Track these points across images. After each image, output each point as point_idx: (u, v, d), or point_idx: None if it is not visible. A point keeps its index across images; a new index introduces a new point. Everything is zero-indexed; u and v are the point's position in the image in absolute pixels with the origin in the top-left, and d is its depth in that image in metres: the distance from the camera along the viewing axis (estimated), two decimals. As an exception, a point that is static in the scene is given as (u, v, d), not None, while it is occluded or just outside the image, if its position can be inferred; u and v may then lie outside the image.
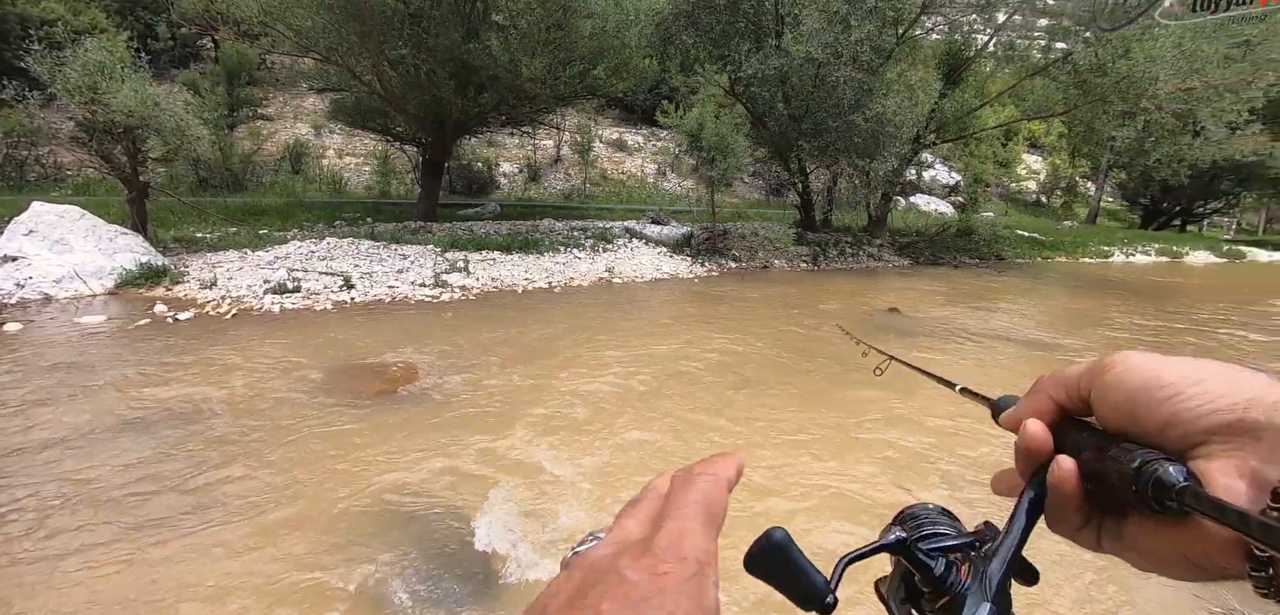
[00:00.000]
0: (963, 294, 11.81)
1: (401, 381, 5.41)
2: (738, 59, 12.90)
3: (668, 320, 8.34)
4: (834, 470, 4.16)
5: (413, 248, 10.68)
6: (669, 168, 24.27)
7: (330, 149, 19.82)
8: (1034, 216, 29.12)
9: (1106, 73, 12.37)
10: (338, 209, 13.87)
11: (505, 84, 10.60)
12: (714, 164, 12.00)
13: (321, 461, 3.91)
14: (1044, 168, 34.25)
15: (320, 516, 3.34)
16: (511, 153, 22.58)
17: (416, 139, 14.57)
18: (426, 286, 8.95)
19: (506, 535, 3.24)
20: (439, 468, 3.89)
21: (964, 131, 16.81)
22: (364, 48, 9.94)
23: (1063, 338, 8.59)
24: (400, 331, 6.93)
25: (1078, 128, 15.88)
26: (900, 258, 15.97)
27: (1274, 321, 11.20)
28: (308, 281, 8.46)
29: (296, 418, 4.52)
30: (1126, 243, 23.06)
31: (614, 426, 4.63)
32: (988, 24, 15.35)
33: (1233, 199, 32.02)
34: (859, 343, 1.80)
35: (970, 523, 0.45)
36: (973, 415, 5.25)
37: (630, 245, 13.23)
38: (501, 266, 10.37)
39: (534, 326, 7.49)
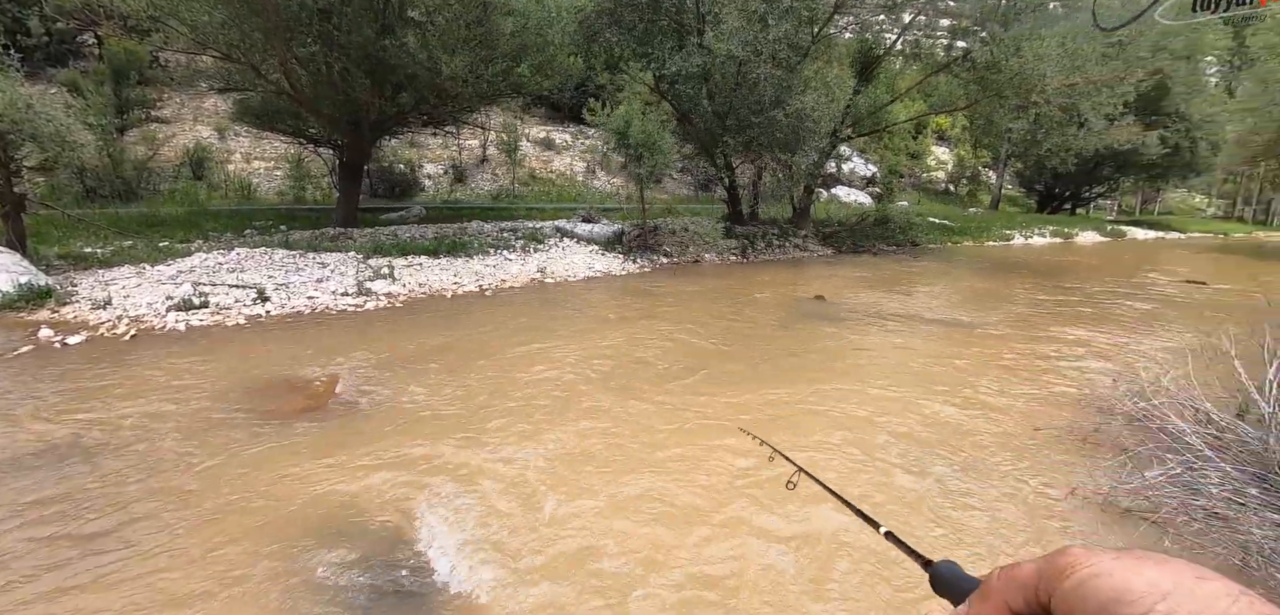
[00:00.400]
0: (883, 279, 12.45)
1: (325, 396, 5.17)
2: (661, 57, 13.04)
3: (602, 319, 8.35)
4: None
5: (332, 255, 10.19)
6: (598, 166, 24.23)
7: (236, 153, 18.58)
8: (943, 204, 30.99)
9: (1001, 70, 13.32)
10: (247, 217, 13.04)
11: (424, 83, 10.26)
12: (642, 161, 12.09)
13: (243, 486, 3.68)
14: (951, 158, 36.50)
15: (245, 544, 3.15)
16: (435, 153, 21.91)
17: (332, 141, 13.87)
18: (349, 295, 8.57)
19: (446, 548, 3.17)
20: (370, 483, 3.75)
21: (878, 126, 17.67)
22: (269, 45, 9.36)
23: (975, 316, 9.21)
24: (322, 344, 6.61)
25: (978, 121, 17.05)
26: (824, 247, 16.64)
27: (1151, 291, 12.44)
28: (216, 295, 7.92)
29: (211, 442, 4.24)
30: (1025, 226, 24.93)
31: (552, 429, 4.60)
32: (895, 24, 16.19)
33: (1113, 183, 35.21)
34: (763, 443, 1.65)
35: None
36: (907, 386, 5.58)
37: (562, 245, 13.14)
38: (429, 271, 10.06)
39: (465, 331, 7.33)
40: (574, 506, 3.58)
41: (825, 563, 3.13)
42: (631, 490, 3.77)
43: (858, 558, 3.16)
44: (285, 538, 3.22)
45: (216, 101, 19.04)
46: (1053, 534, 3.45)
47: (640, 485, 3.83)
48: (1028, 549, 3.31)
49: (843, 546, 3.24)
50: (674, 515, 3.53)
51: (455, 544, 3.21)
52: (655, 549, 3.21)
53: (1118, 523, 3.56)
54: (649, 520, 3.47)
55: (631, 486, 3.82)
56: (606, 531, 3.35)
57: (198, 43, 9.78)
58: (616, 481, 3.87)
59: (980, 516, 3.61)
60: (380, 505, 3.54)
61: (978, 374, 6.36)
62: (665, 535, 3.33)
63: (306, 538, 3.22)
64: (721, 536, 3.34)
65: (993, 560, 3.20)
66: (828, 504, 3.43)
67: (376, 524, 3.37)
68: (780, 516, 3.50)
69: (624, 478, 3.92)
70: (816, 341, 7.47)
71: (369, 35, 9.70)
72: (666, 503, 3.64)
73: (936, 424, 4.97)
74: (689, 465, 4.11)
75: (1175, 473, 3.82)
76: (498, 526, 3.37)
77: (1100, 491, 3.84)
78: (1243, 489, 3.58)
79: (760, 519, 3.49)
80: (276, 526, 3.32)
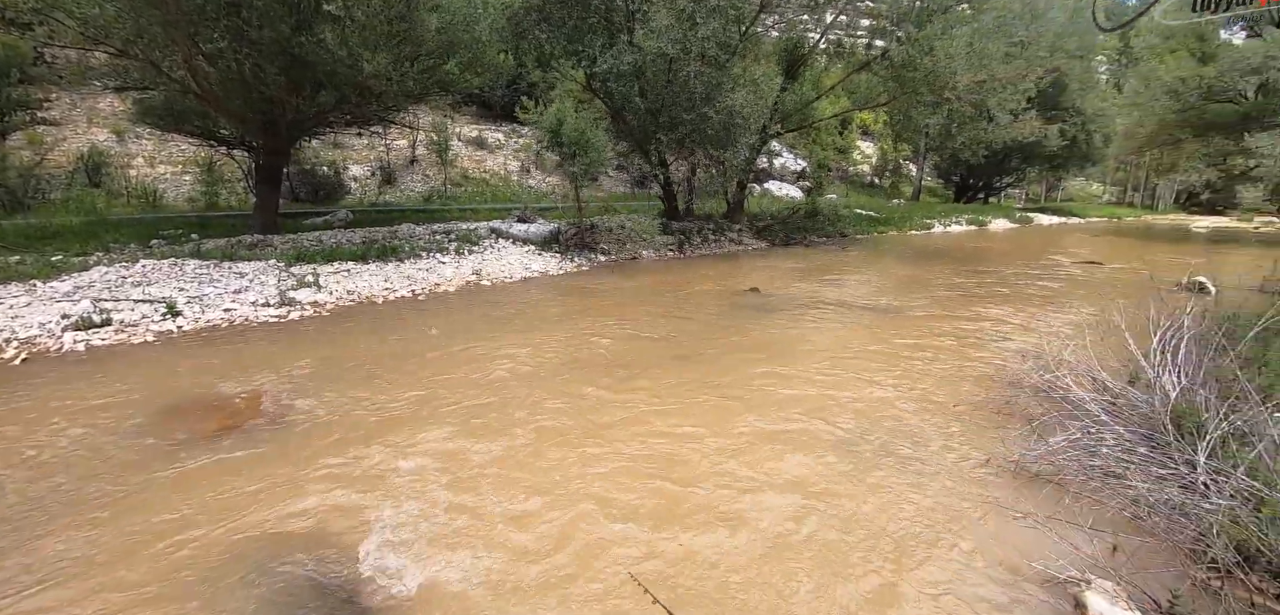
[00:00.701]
0: (815, 269, 12.89)
1: (247, 414, 4.88)
2: (592, 54, 13.02)
3: (539, 319, 8.26)
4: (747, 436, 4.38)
5: (251, 264, 9.63)
6: (533, 165, 23.92)
7: (138, 157, 17.25)
8: (869, 196, 32.37)
9: (916, 68, 14.03)
10: (153, 226, 12.13)
11: (345, 81, 9.80)
12: (576, 159, 12.04)
13: (157, 517, 3.42)
14: (875, 152, 38.17)
15: (162, 581, 2.94)
16: (361, 154, 21.05)
17: (246, 142, 13.07)
18: (270, 306, 8.12)
19: (380, 564, 3.06)
20: (300, 502, 3.57)
21: (805, 122, 18.26)
22: (170, 40, 8.72)
23: (900, 301, 9.66)
24: (242, 359, 6.24)
25: (898, 116, 17.89)
26: (758, 240, 17.07)
27: (1055, 272, 13.41)
28: (121, 312, 7.33)
29: (120, 472, 3.92)
30: (944, 215, 26.39)
31: (492, 434, 4.52)
32: (818, 24, 16.77)
33: (1021, 173, 37.78)
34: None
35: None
36: (837, 370, 5.79)
37: (497, 245, 12.91)
38: (358, 278, 9.66)
39: (398, 338, 7.09)
40: (514, 509, 3.53)
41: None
42: (575, 490, 3.76)
43: None
44: (207, 567, 3.03)
45: (113, 101, 17.62)
46: (973, 501, 3.68)
47: (583, 487, 3.83)
48: (950, 518, 3.52)
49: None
50: (615, 514, 3.55)
51: (388, 558, 3.10)
52: (598, 550, 3.22)
53: (1027, 487, 3.83)
54: (595, 520, 3.47)
55: (574, 487, 3.80)
56: (549, 534, 3.33)
57: (88, 37, 9.00)
58: (558, 483, 3.85)
59: (905, 489, 3.80)
60: (310, 525, 3.38)
61: (902, 355, 6.69)
62: (609, 533, 3.34)
63: (231, 566, 3.04)
64: (665, 539, 3.38)
65: (919, 531, 3.38)
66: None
67: (307, 545, 3.21)
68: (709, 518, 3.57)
69: (564, 479, 3.91)
70: (752, 331, 7.65)
71: (283, 30, 9.19)
72: (609, 504, 3.65)
73: (864, 404, 5.20)
74: (633, 461, 4.13)
75: (1076, 437, 4.14)
76: (433, 538, 3.29)
77: (1012, 459, 4.11)
78: (1133, 448, 3.93)
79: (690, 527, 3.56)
80: (197, 557, 3.11)
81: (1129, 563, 2.96)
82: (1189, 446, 3.65)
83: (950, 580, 2.99)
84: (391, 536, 3.25)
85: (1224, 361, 4.62)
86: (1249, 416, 3.78)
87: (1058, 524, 3.36)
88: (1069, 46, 29.81)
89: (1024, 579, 3.00)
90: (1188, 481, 3.44)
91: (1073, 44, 30.28)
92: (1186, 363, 4.63)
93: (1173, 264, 14.64)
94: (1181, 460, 3.59)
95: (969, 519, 3.50)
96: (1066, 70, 30.02)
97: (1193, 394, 4.21)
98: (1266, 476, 3.23)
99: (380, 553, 3.12)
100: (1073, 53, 30.77)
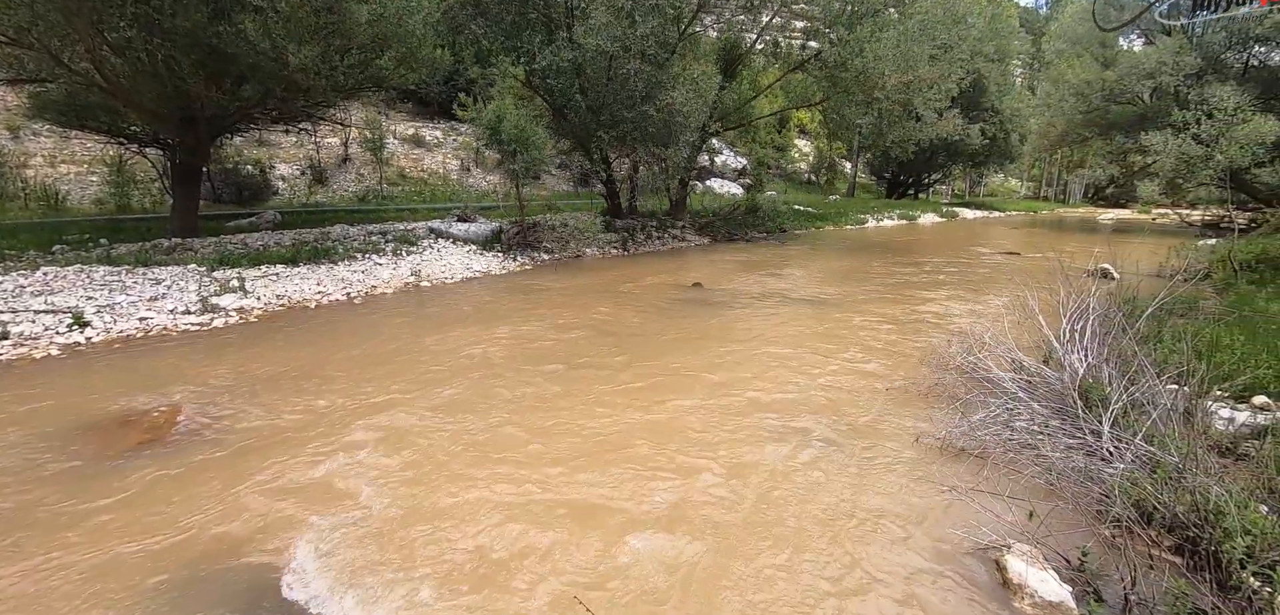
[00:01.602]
0: (756, 264, 13.18)
1: (165, 428, 4.58)
2: (531, 50, 12.88)
3: (480, 319, 8.11)
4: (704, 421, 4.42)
5: (168, 269, 9.04)
6: (473, 163, 23.45)
7: (37, 156, 15.90)
8: (807, 192, 33.33)
9: (848, 68, 14.55)
10: (56, 231, 11.21)
11: (269, 74, 9.31)
12: (516, 157, 11.88)
13: (66, 543, 3.18)
14: (812, 150, 39.34)
15: (86, 606, 2.73)
16: (289, 153, 20.10)
17: (160, 139, 12.23)
18: (191, 313, 7.65)
19: (314, 581, 2.94)
20: (224, 519, 3.39)
21: (744, 120, 18.63)
22: (71, 28, 8.07)
23: (836, 292, 10.00)
24: (159, 370, 5.85)
25: (832, 115, 18.49)
26: (701, 236, 17.32)
27: (978, 262, 14.20)
28: (19, 324, 6.74)
29: (23, 494, 3.62)
30: (877, 211, 27.48)
31: (428, 442, 4.42)
32: (755, 24, 17.15)
33: (947, 170, 39.77)
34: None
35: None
36: (776, 360, 5.94)
37: (437, 246, 12.59)
38: (287, 281, 9.22)
39: (331, 344, 6.82)
40: (450, 521, 3.47)
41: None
42: (510, 496, 3.73)
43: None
44: (123, 592, 2.84)
45: (6, 95, 16.18)
46: (903, 477, 3.86)
47: (519, 492, 3.80)
48: (882, 494, 3.68)
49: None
50: (566, 519, 3.54)
51: (315, 579, 2.99)
52: (529, 555, 3.20)
53: (953, 462, 4.05)
54: (529, 527, 3.45)
55: (509, 492, 3.77)
56: (484, 542, 3.29)
57: (-25, 25, 8.22)
58: (493, 488, 3.80)
59: (839, 470, 3.95)
60: (234, 544, 3.21)
61: (838, 343, 6.94)
62: (541, 540, 3.33)
63: (150, 590, 2.86)
64: (604, 539, 3.39)
65: (854, 508, 3.53)
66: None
67: (229, 566, 3.05)
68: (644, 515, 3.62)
69: (501, 485, 3.87)
70: (694, 325, 7.76)
71: (199, 20, 8.66)
72: (554, 508, 3.64)
73: (801, 390, 5.37)
74: (575, 464, 4.13)
75: (996, 414, 4.41)
76: (360, 555, 3.19)
77: (939, 437, 4.34)
78: (1047, 421, 4.21)
79: (627, 517, 3.59)
80: (112, 582, 2.91)
81: (1044, 526, 3.18)
82: (1095, 418, 3.94)
83: (881, 553, 3.14)
84: (318, 556, 3.12)
85: (1125, 340, 5.02)
86: (1146, 388, 4.12)
87: (980, 495, 3.57)
88: (988, 51, 31.60)
89: (950, 547, 3.17)
90: (1093, 449, 3.72)
91: (991, 48, 32.11)
92: (1092, 342, 5.01)
93: (1081, 252, 15.75)
94: (1089, 430, 3.88)
95: (899, 494, 3.68)
96: (986, 73, 31.82)
97: (1098, 370, 4.56)
98: (1160, 441, 3.53)
99: (306, 573, 2.99)
100: (991, 57, 32.64)
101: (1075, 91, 24.79)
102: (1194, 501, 2.96)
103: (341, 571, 2.95)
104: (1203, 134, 17.76)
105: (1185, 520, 2.97)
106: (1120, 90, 23.69)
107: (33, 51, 8.83)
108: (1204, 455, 3.30)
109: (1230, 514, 2.76)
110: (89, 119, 11.71)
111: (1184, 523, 2.97)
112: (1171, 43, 22.27)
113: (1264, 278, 9.38)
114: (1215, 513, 2.85)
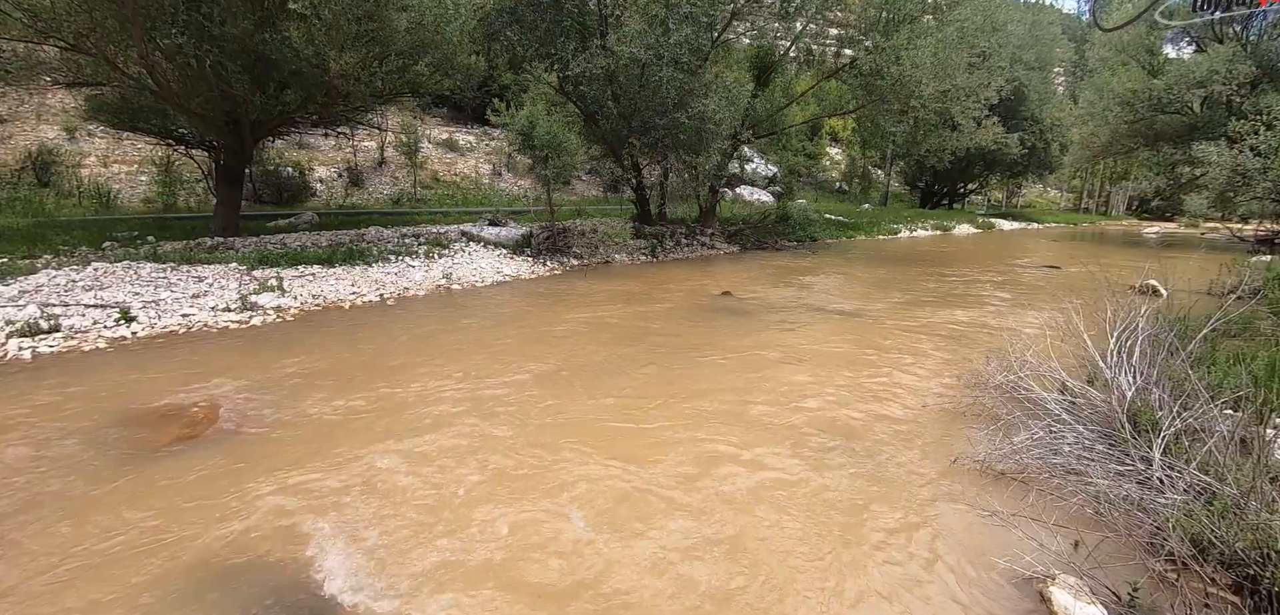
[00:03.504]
0: (785, 274, 13.03)
1: (205, 423, 4.71)
2: (564, 57, 12.98)
3: (511, 325, 8.17)
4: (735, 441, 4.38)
5: (211, 268, 9.33)
6: (504, 167, 23.74)
7: (91, 156, 16.61)
8: (838, 201, 32.91)
9: (883, 76, 14.31)
10: (106, 228, 11.67)
11: (311, 80, 9.58)
12: (548, 162, 11.97)
13: (106, 534, 3.27)
14: (844, 158, 38.84)
15: (117, 600, 2.81)
16: (328, 156, 20.62)
17: (206, 142, 12.67)
18: (231, 311, 7.87)
19: (352, 580, 2.97)
20: (261, 516, 3.45)
21: (775, 128, 18.48)
22: (125, 34, 8.40)
23: (869, 305, 9.82)
24: (200, 366, 6.02)
25: (866, 123, 18.23)
26: (730, 244, 17.20)
27: (1016, 275, 13.80)
28: (70, 317, 7.02)
29: (66, 485, 3.74)
30: (910, 221, 26.96)
31: (465, 444, 4.45)
32: (788, 32, 17.01)
33: (983, 180, 38.88)
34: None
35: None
36: (809, 374, 5.85)
37: (468, 249, 12.75)
38: (324, 282, 9.43)
39: (365, 344, 6.94)
40: (484, 532, 3.48)
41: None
42: (548, 503, 3.72)
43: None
44: (161, 585, 2.91)
45: (64, 97, 16.93)
46: (941, 500, 3.74)
47: (556, 499, 3.79)
48: (920, 517, 3.58)
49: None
50: (589, 523, 3.51)
51: (353, 578, 3.02)
52: (568, 575, 3.19)
53: (993, 485, 3.92)
54: (567, 533, 3.43)
55: (547, 500, 3.76)
56: (518, 556, 3.28)
57: (38, 31, 8.62)
58: (527, 499, 3.80)
59: (876, 491, 3.85)
60: (269, 541, 3.26)
61: (872, 358, 6.79)
62: (583, 548, 3.31)
63: (187, 584, 2.92)
64: (632, 559, 3.36)
65: (892, 532, 3.43)
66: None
67: (265, 563, 3.10)
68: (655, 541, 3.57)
69: (537, 496, 3.86)
70: (724, 336, 7.69)
71: (246, 27, 8.95)
72: (584, 512, 3.62)
73: (835, 406, 5.26)
74: (607, 470, 4.10)
75: (1038, 437, 4.25)
76: (401, 558, 3.21)
77: (978, 459, 4.20)
78: (1093, 446, 4.05)
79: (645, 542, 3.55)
80: (151, 574, 2.98)
81: (1091, 557, 3.04)
82: (1145, 444, 3.77)
83: (920, 579, 3.04)
84: (357, 555, 3.16)
85: (1176, 361, 4.80)
86: (1200, 414, 3.93)
87: (1022, 521, 3.44)
88: (1027, 58, 30.86)
89: (991, 576, 3.06)
90: (1144, 477, 3.56)
91: (1031, 56, 31.36)
92: (1141, 363, 4.80)
93: (1127, 267, 15.20)
94: (1138, 457, 3.72)
95: (937, 518, 3.57)
96: (1025, 81, 31.07)
97: (1148, 393, 4.36)
98: (1217, 471, 3.36)
99: (345, 572, 3.03)
100: (1031, 65, 31.88)
101: (1121, 100, 24.02)
102: (1256, 537, 2.80)
103: (374, 569, 2.97)
104: (1260, 144, 17.00)
105: (1245, 557, 2.81)
106: (1169, 100, 22.85)
107: (90, 56, 9.22)
108: (1266, 487, 3.12)
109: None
110: (140, 121, 12.21)
111: (1244, 560, 2.81)
112: (1224, 50, 21.44)
113: (1325, 298, 8.90)
114: (1279, 550, 2.69)
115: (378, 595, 2.84)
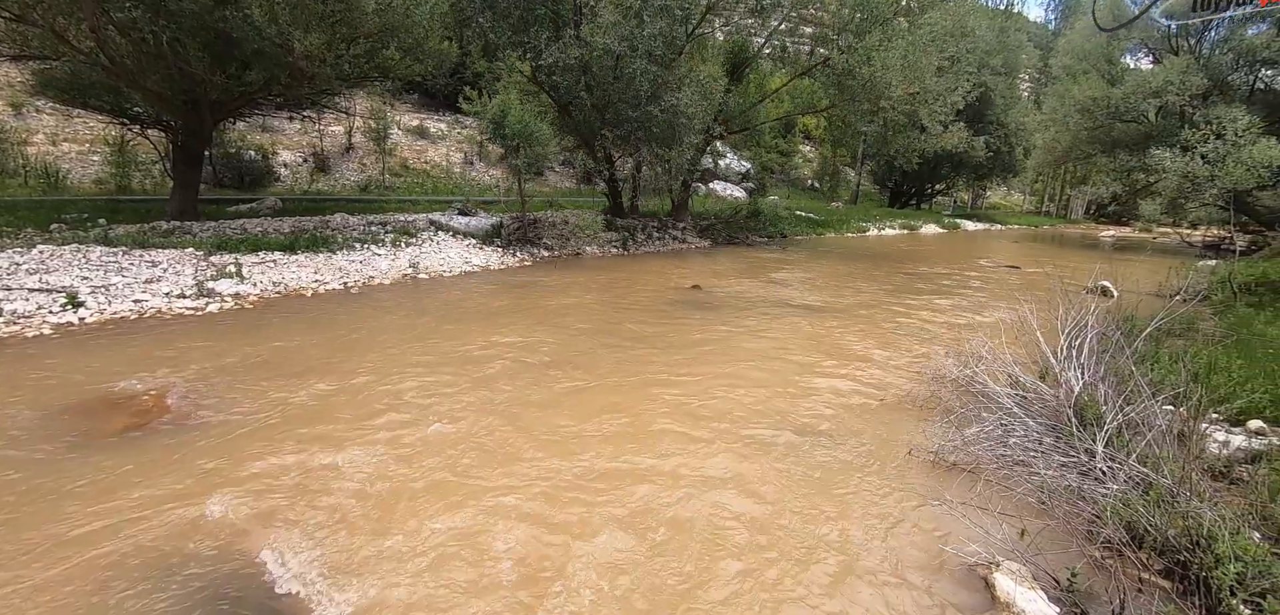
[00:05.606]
0: (755, 269, 13.15)
1: (154, 413, 4.56)
2: (538, 46, 12.85)
3: (477, 315, 8.09)
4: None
5: (166, 252, 9.02)
6: (476, 156, 23.44)
7: (39, 133, 15.89)
8: (810, 198, 33.29)
9: (855, 76, 14.50)
10: (55, 209, 11.19)
11: (275, 60, 9.29)
12: (520, 152, 11.86)
13: (48, 526, 3.15)
14: (816, 156, 39.30)
15: (57, 594, 2.71)
16: (292, 140, 20.08)
17: (163, 121, 12.20)
18: (187, 297, 7.63)
19: (297, 570, 2.92)
20: (208, 507, 3.37)
21: (749, 124, 18.58)
22: (76, 7, 8.06)
23: (834, 300, 9.97)
24: (151, 353, 5.83)
25: (837, 122, 18.46)
26: (702, 239, 17.29)
27: (978, 274, 14.16)
28: (12, 302, 6.73)
29: (8, 476, 3.60)
30: (879, 219, 27.42)
31: (417, 438, 4.40)
32: (763, 28, 17.11)
33: (950, 182, 39.74)
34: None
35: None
36: (772, 366, 5.92)
37: (436, 238, 12.57)
38: (285, 269, 9.21)
39: (326, 333, 6.80)
40: (431, 522, 3.45)
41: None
42: (498, 502, 3.70)
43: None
44: (103, 579, 2.82)
45: (9, 70, 16.16)
46: (895, 490, 3.83)
47: (505, 499, 3.77)
48: (874, 506, 3.66)
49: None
50: (546, 525, 3.51)
51: (301, 568, 2.97)
52: (518, 564, 3.18)
53: (945, 475, 4.03)
54: (520, 532, 3.42)
55: (497, 498, 3.75)
56: (464, 545, 3.26)
57: (-21, 0, 8.20)
58: (483, 488, 3.78)
59: (832, 479, 3.93)
60: (216, 533, 3.19)
61: (835, 352, 6.91)
62: (505, 540, 3.30)
63: (130, 577, 2.84)
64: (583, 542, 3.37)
65: (843, 521, 3.50)
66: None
67: (211, 555, 3.03)
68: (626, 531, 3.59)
69: (491, 485, 3.84)
70: (689, 329, 7.74)
71: (206, 3, 8.64)
72: (540, 517, 3.61)
73: (797, 398, 5.34)
74: (563, 465, 4.10)
75: (990, 429, 4.39)
76: (346, 551, 3.17)
77: (932, 451, 4.32)
78: (1041, 438, 4.19)
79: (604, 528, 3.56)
80: (92, 567, 2.89)
81: (1034, 544, 3.15)
82: (1089, 436, 3.92)
83: (869, 567, 3.11)
84: (305, 546, 3.11)
85: (1122, 359, 4.99)
86: (1142, 409, 4.09)
87: (971, 510, 3.54)
88: (995, 64, 31.57)
89: (938, 562, 3.15)
90: (1087, 468, 3.70)
91: (998, 61, 32.09)
92: (1089, 360, 4.98)
93: (1081, 269, 15.72)
94: (1083, 449, 3.86)
95: (889, 508, 3.65)
96: (992, 86, 31.81)
97: (1094, 388, 4.53)
98: (1154, 462, 3.51)
99: (291, 564, 2.97)
100: (998, 70, 32.64)
101: (1081, 108, 24.76)
102: (1186, 525, 2.93)
103: (321, 561, 2.92)
104: (1209, 153, 17.71)
105: (1176, 544, 2.95)
106: (1126, 108, 23.66)
107: (37, 28, 8.81)
108: (1197, 479, 3.28)
109: (1222, 540, 2.74)
110: (92, 98, 11.70)
111: (1175, 547, 2.95)
112: (1179, 62, 22.24)
113: (1263, 301, 9.36)
114: (1207, 538, 2.83)
115: (323, 586, 2.80)
